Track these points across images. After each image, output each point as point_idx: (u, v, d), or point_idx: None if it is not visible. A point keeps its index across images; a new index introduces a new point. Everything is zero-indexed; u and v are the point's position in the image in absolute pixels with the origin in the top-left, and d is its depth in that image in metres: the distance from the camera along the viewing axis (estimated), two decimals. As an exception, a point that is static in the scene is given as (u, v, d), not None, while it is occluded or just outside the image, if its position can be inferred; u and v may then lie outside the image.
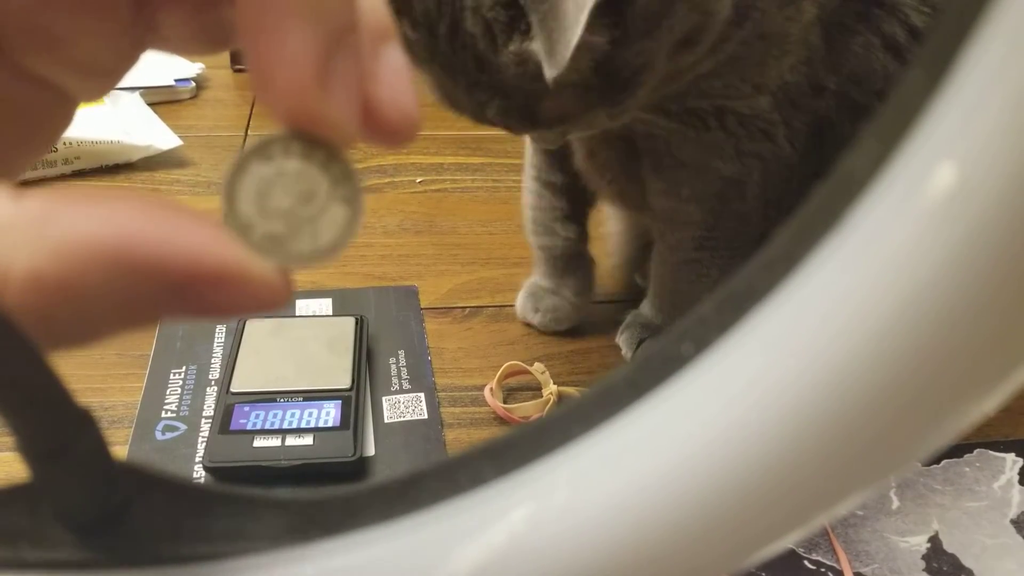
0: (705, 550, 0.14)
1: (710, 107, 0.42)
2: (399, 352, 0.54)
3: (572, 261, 0.56)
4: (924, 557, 0.41)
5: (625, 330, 0.55)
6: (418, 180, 0.74)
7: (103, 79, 0.18)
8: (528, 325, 0.58)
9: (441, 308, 0.59)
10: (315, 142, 0.14)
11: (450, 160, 0.77)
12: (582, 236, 0.56)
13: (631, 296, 0.60)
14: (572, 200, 0.54)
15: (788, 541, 0.15)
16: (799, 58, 0.42)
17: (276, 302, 0.13)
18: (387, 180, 0.74)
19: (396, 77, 0.15)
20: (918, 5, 0.42)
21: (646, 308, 0.54)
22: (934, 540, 0.42)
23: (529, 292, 0.58)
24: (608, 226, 0.62)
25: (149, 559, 0.14)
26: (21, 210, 0.12)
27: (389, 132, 0.15)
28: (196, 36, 0.18)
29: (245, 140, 0.76)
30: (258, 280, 0.13)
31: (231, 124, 0.80)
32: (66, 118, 0.18)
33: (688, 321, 0.15)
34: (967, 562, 0.41)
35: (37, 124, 0.18)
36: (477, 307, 0.60)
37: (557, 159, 0.52)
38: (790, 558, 0.41)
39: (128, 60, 0.18)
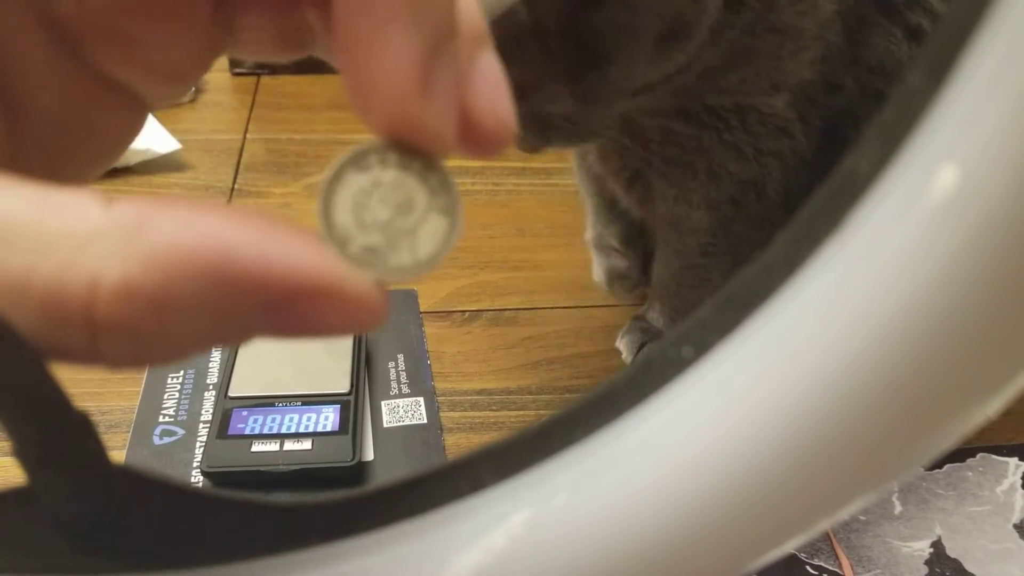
0: (706, 555, 0.14)
1: (730, 104, 0.41)
2: (398, 356, 0.54)
3: (637, 241, 0.56)
4: (927, 562, 0.41)
5: (626, 334, 0.54)
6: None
7: (177, 84, 0.18)
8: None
9: (441, 312, 0.59)
10: (412, 151, 0.14)
11: (450, 162, 0.76)
12: (649, 255, 0.55)
13: (632, 300, 0.60)
14: (620, 209, 0.54)
15: (789, 547, 0.15)
16: (816, 55, 0.41)
17: (374, 321, 0.13)
18: (387, 184, 0.74)
19: (492, 84, 0.15)
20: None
21: (647, 312, 0.54)
22: (937, 545, 0.42)
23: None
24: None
25: (147, 565, 0.14)
26: (113, 217, 0.11)
27: (484, 141, 0.15)
28: (274, 40, 0.18)
29: (244, 143, 0.76)
30: (358, 296, 0.12)
31: (230, 128, 0.80)
32: (138, 124, 0.18)
33: (688, 325, 0.15)
34: (970, 567, 0.41)
35: (110, 129, 0.18)
36: (477, 311, 0.60)
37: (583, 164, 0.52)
38: (792, 563, 0.41)
39: (203, 65, 0.18)
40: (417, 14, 0.13)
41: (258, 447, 0.43)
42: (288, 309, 0.12)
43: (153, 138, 0.72)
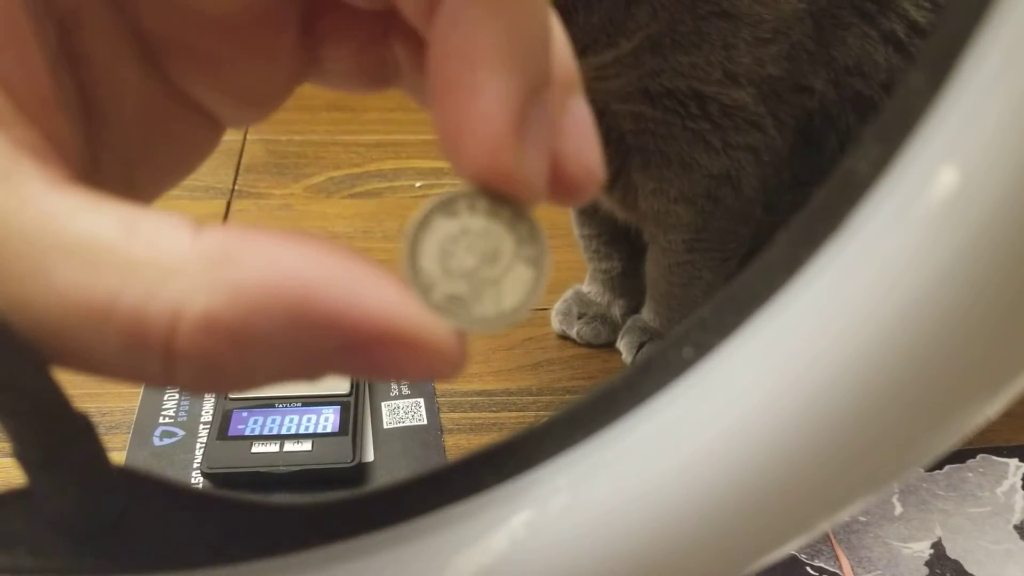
0: (706, 556, 0.14)
1: (688, 90, 0.41)
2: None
3: (626, 281, 0.55)
4: (927, 563, 0.41)
5: (625, 334, 0.54)
6: (417, 184, 0.74)
7: (256, 108, 0.18)
8: (564, 336, 0.56)
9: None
10: (502, 199, 0.13)
11: (432, 162, 0.77)
12: (632, 255, 0.55)
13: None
14: (609, 221, 0.53)
15: (789, 548, 0.15)
16: (780, 51, 0.41)
17: (452, 370, 0.13)
18: (386, 185, 0.74)
19: (582, 131, 0.14)
20: (914, 4, 0.42)
21: (645, 312, 0.54)
22: (937, 546, 0.42)
23: (574, 301, 0.56)
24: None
25: (147, 566, 0.14)
26: (200, 248, 0.11)
27: (572, 189, 0.14)
28: (358, 73, 0.17)
29: (244, 144, 0.76)
30: (437, 346, 0.12)
31: (229, 130, 0.79)
32: (212, 144, 0.18)
33: (688, 325, 0.15)
34: (970, 568, 0.41)
35: (185, 146, 0.18)
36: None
37: None
38: (793, 564, 0.41)
39: (284, 92, 0.18)
40: (515, 59, 0.13)
41: (258, 448, 0.43)
42: (367, 353, 0.12)
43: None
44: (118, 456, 0.46)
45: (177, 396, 0.50)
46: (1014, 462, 0.46)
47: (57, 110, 0.13)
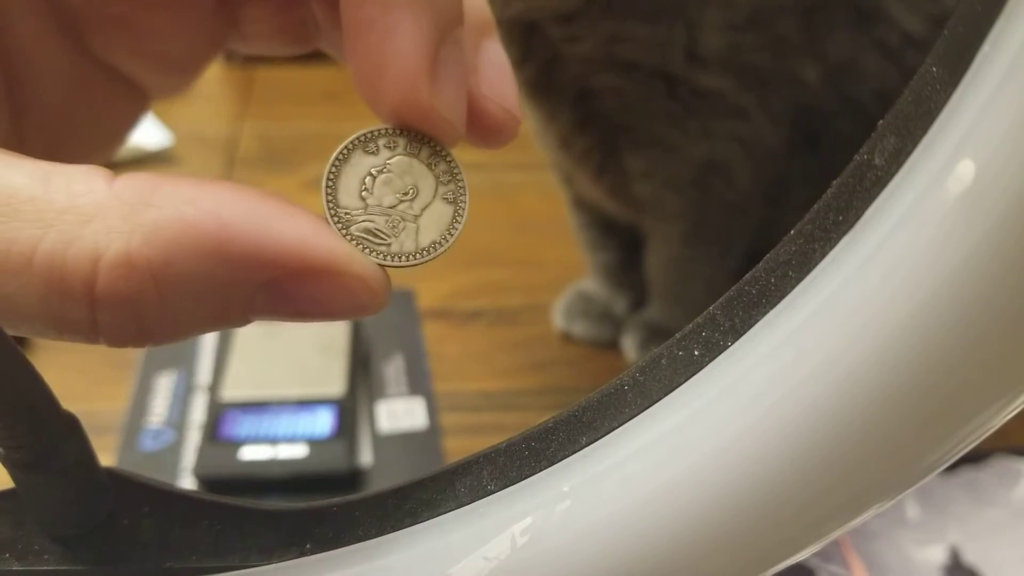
0: (715, 564, 0.14)
1: (654, 68, 0.40)
2: (396, 357, 0.53)
3: (627, 275, 0.55)
4: (942, 569, 0.40)
5: (628, 332, 0.54)
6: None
7: (180, 75, 0.18)
8: (566, 335, 0.56)
9: (440, 311, 0.59)
10: (421, 138, 0.14)
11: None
12: (629, 245, 0.54)
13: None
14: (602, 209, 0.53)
15: (800, 556, 0.15)
16: (760, 41, 0.39)
17: (374, 304, 0.13)
18: (385, 180, 0.74)
19: (499, 73, 0.15)
20: (907, 14, 0.41)
21: (648, 309, 0.54)
22: (952, 551, 0.41)
23: (576, 299, 0.56)
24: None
25: (136, 571, 0.14)
26: (116, 193, 0.12)
27: (492, 130, 0.15)
28: (277, 33, 0.18)
29: (237, 137, 0.76)
30: (359, 277, 0.13)
31: (223, 121, 0.79)
32: (138, 114, 0.18)
33: (697, 324, 0.15)
34: (987, 573, 0.40)
35: (111, 120, 0.18)
36: (478, 310, 0.59)
37: (562, 173, 0.52)
38: (804, 569, 0.41)
39: (205, 58, 0.18)
40: (425, 0, 0.13)
41: (251, 451, 0.43)
42: (288, 288, 0.12)
43: (145, 132, 0.72)
44: (107, 458, 0.45)
45: (168, 397, 0.49)
46: (1030, 465, 0.46)
47: None
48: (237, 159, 0.73)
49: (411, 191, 0.14)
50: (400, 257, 0.14)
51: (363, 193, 0.14)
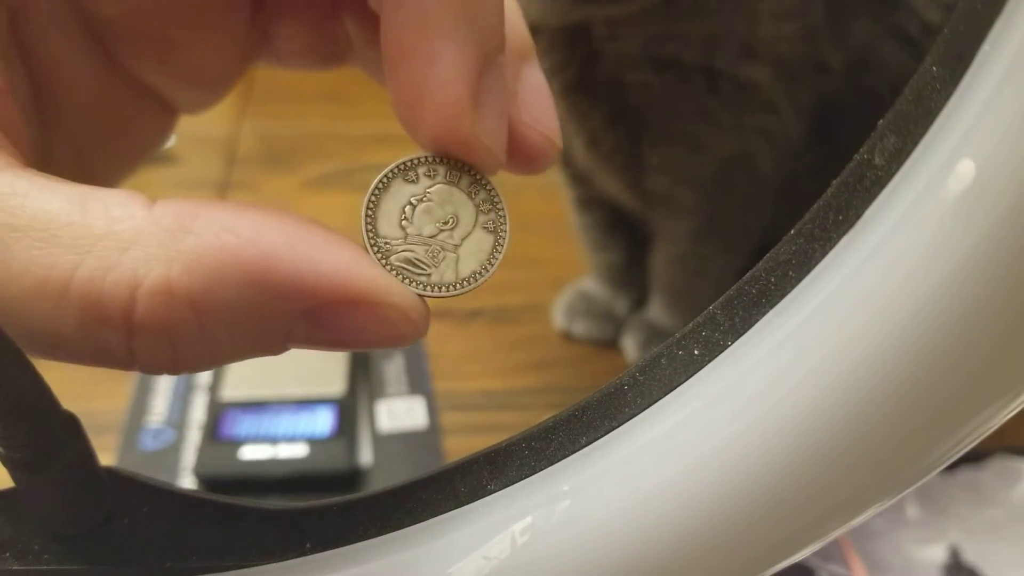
0: (714, 563, 0.14)
1: (697, 64, 0.40)
2: (396, 357, 0.53)
3: (629, 275, 0.54)
4: (942, 568, 0.40)
5: (628, 332, 0.54)
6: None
7: (209, 91, 0.18)
8: (567, 334, 0.56)
9: (440, 310, 0.59)
10: (461, 166, 0.14)
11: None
12: (632, 246, 0.54)
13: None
14: (607, 210, 0.52)
15: (800, 555, 0.15)
16: (797, 31, 0.40)
17: (414, 334, 0.13)
18: (385, 179, 0.73)
19: (538, 99, 0.15)
20: (926, 1, 0.41)
21: (649, 309, 0.54)
22: (953, 550, 0.41)
23: (577, 298, 0.56)
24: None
25: (136, 571, 0.14)
26: (155, 218, 0.12)
27: (531, 157, 0.15)
28: (309, 51, 0.18)
29: (237, 136, 0.76)
30: (399, 308, 0.12)
31: (223, 120, 0.79)
32: (167, 129, 0.18)
33: (697, 323, 0.15)
34: (987, 573, 0.40)
35: (139, 133, 0.18)
36: (478, 309, 0.59)
37: (570, 171, 0.51)
38: (804, 569, 0.41)
39: (236, 73, 0.18)
40: (468, 27, 0.13)
41: (251, 451, 0.43)
42: (328, 318, 0.12)
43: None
44: (107, 457, 0.45)
45: (168, 396, 0.49)
46: (1031, 464, 0.46)
47: (8, 99, 0.13)
48: (237, 158, 0.73)
49: (451, 220, 0.14)
50: (440, 288, 0.14)
51: (403, 222, 0.14)
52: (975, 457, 0.46)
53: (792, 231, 0.14)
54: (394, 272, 0.13)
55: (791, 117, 0.42)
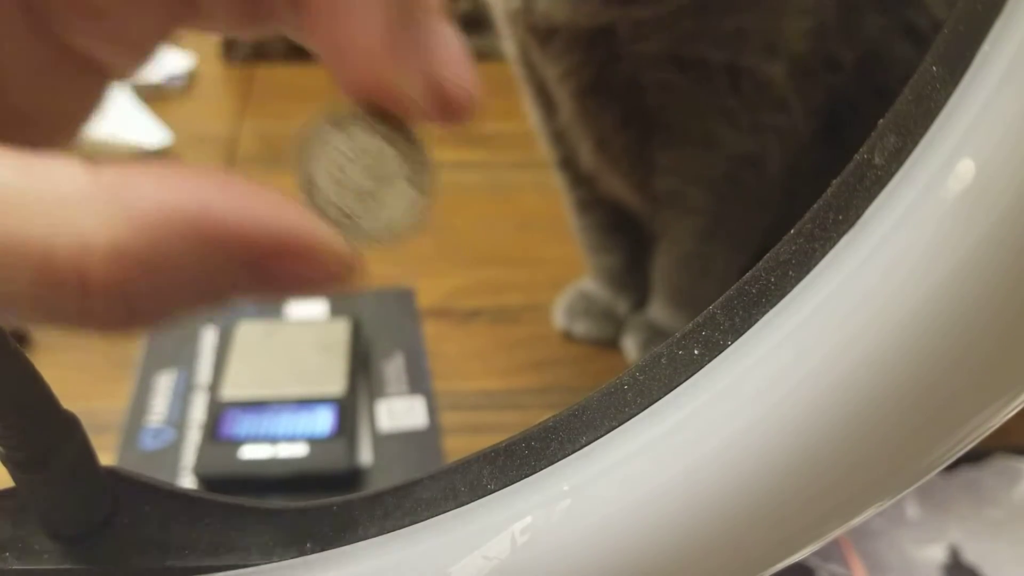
0: (715, 563, 0.14)
1: (724, 63, 0.40)
2: (396, 356, 0.53)
3: (629, 276, 0.54)
4: (942, 568, 0.40)
5: (629, 332, 0.54)
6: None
7: (137, 54, 0.18)
8: (567, 334, 0.56)
9: (440, 310, 0.59)
10: (384, 116, 0.14)
11: (449, 156, 0.76)
12: (633, 248, 0.54)
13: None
14: (608, 211, 0.53)
15: (801, 555, 0.15)
16: (811, 27, 0.40)
17: (349, 276, 0.14)
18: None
19: (454, 52, 0.15)
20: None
21: (650, 309, 0.53)
22: (952, 550, 0.41)
23: (577, 298, 0.56)
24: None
25: (136, 571, 0.14)
26: (97, 180, 0.12)
27: (450, 109, 0.15)
28: (236, 14, 0.18)
29: (237, 135, 0.76)
30: (334, 253, 0.13)
31: (223, 119, 0.79)
32: (99, 96, 0.19)
33: (697, 323, 0.15)
34: (987, 572, 0.40)
35: (73, 100, 0.18)
36: (478, 309, 0.59)
37: (572, 173, 0.51)
38: (803, 569, 0.41)
39: (163, 36, 0.18)
40: None
41: (251, 451, 0.43)
42: (269, 266, 0.13)
43: (145, 131, 0.72)
44: (107, 457, 0.45)
45: (168, 396, 0.49)
46: (1031, 464, 0.46)
47: None
48: (237, 158, 0.73)
49: (378, 169, 0.14)
50: (367, 237, 0.14)
51: (333, 171, 0.14)
52: (975, 457, 0.46)
53: (792, 231, 0.14)
54: (329, 221, 0.14)
55: (801, 116, 0.42)
